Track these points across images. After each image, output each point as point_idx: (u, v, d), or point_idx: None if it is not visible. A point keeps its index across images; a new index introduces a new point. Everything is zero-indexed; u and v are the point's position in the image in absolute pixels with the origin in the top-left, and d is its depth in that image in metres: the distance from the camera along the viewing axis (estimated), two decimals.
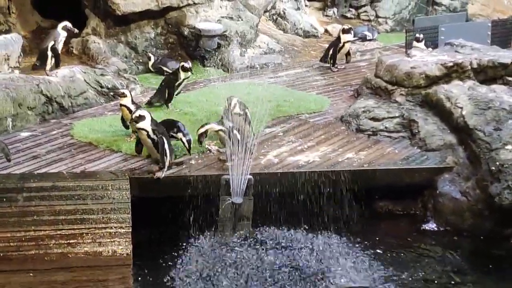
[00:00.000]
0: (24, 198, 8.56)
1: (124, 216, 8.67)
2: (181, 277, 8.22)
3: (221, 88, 12.06)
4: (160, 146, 8.97)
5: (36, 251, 8.32)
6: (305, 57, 15.09)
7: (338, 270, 8.39)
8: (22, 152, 9.72)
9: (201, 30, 13.90)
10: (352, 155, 10.05)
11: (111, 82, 12.23)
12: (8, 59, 11.83)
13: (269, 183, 9.27)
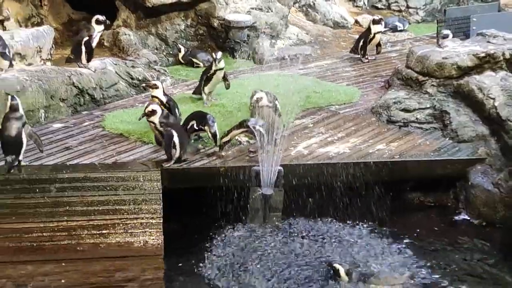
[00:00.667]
0: (57, 188, 8.63)
1: (155, 207, 8.71)
2: (211, 268, 8.23)
3: (251, 79, 12.08)
4: (165, 138, 9.00)
5: (69, 241, 8.40)
6: (335, 48, 15.02)
7: (369, 261, 8.35)
8: (54, 143, 9.80)
9: (230, 22, 13.90)
10: (383, 147, 10.00)
11: (142, 74, 12.29)
12: (40, 51, 11.91)
13: (299, 174, 9.25)
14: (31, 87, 10.32)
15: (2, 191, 8.52)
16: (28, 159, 9.06)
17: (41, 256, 8.25)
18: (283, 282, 7.92)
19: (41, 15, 13.85)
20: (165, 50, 13.99)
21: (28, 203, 8.50)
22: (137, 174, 8.89)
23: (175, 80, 12.81)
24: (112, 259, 8.33)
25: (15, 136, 8.65)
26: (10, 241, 8.31)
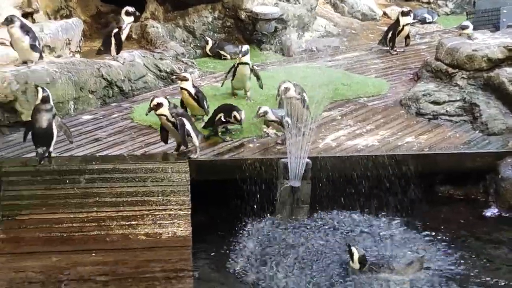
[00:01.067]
0: (86, 180, 8.69)
1: (183, 198, 8.74)
2: (239, 260, 8.24)
3: (278, 72, 12.06)
4: (179, 127, 8.95)
5: (98, 232, 8.44)
6: (363, 40, 14.95)
7: (397, 254, 8.31)
8: (84, 134, 9.88)
9: (258, 14, 13.87)
10: (412, 139, 9.95)
11: (170, 66, 12.33)
12: (69, 43, 11.99)
13: (327, 167, 9.22)
14: (60, 79, 10.41)
15: (33, 182, 8.60)
16: (58, 150, 9.15)
17: (71, 246, 8.29)
18: (311, 275, 7.90)
19: (70, 8, 13.92)
20: (192, 43, 14.01)
21: (58, 194, 8.57)
22: (166, 166, 8.92)
23: (203, 72, 12.84)
24: (140, 250, 8.34)
25: (46, 127, 8.73)
26: (41, 231, 8.36)
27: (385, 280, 7.81)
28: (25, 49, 10.27)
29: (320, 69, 12.17)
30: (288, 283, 7.75)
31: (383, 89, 11.78)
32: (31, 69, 10.24)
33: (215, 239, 8.70)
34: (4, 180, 8.60)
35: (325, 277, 7.88)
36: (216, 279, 7.96)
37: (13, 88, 9.89)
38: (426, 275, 7.91)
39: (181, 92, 10.27)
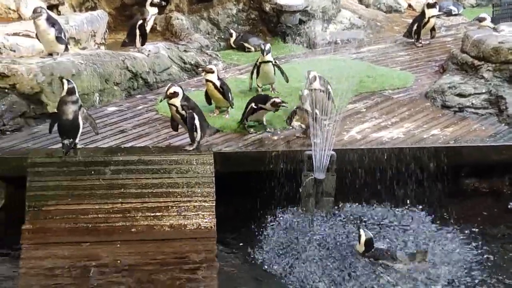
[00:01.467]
0: (112, 171, 8.73)
1: (208, 190, 8.75)
2: (263, 252, 8.25)
3: (303, 64, 12.03)
4: (188, 121, 8.91)
5: (123, 223, 8.48)
6: (388, 33, 14.90)
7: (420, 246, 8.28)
8: (109, 126, 9.94)
9: (282, 6, 13.87)
10: (438, 132, 9.89)
11: (194, 59, 12.36)
12: (94, 35, 12.07)
13: (352, 159, 9.20)
14: (86, 71, 10.47)
15: (59, 173, 8.66)
16: (83, 141, 9.20)
17: (96, 237, 8.35)
18: (335, 268, 7.89)
19: (94, 0, 13.99)
20: (217, 35, 14.03)
21: (84, 185, 8.62)
22: (190, 157, 8.94)
23: (227, 64, 12.86)
24: (165, 241, 8.37)
25: (72, 119, 8.77)
26: (66, 222, 8.43)
27: (385, 267, 7.82)
28: (51, 41, 10.34)
29: (344, 61, 12.14)
30: (311, 274, 7.74)
31: (408, 82, 11.72)
32: (57, 61, 10.30)
33: (239, 231, 8.71)
34: (30, 171, 8.66)
35: (348, 269, 7.86)
36: (240, 270, 7.97)
37: (39, 80, 9.95)
38: (450, 267, 7.85)
39: (206, 84, 10.28)
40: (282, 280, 7.68)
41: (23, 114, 9.88)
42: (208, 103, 10.44)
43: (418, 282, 7.59)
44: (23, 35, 11.23)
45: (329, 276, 7.71)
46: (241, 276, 7.86)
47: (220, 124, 9.97)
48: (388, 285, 7.55)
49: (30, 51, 11.02)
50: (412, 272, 7.76)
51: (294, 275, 7.74)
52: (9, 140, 9.46)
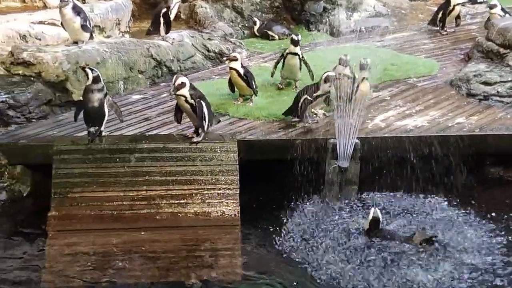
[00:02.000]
0: (136, 158, 8.78)
1: (232, 177, 8.78)
2: (286, 239, 8.24)
3: (327, 52, 12.00)
4: (198, 110, 8.81)
5: (148, 210, 8.54)
6: (413, 21, 14.82)
7: (444, 234, 8.24)
8: (133, 114, 9.99)
9: None
10: (463, 120, 9.83)
11: (218, 47, 12.38)
12: (118, 23, 12.13)
13: (376, 147, 9.18)
14: (110, 59, 10.53)
15: (85, 160, 8.72)
16: (108, 129, 9.25)
17: (121, 224, 8.41)
18: (359, 256, 7.87)
19: None
20: (240, 23, 14.03)
21: (109, 172, 8.68)
22: (214, 145, 8.95)
23: (251, 52, 12.86)
24: (189, 228, 8.43)
25: (98, 107, 8.81)
26: (92, 209, 8.50)
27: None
28: (76, 29, 10.40)
29: (369, 49, 12.09)
30: (334, 262, 7.73)
31: (433, 70, 11.66)
32: (82, 49, 10.37)
33: (263, 219, 8.71)
34: (56, 158, 8.74)
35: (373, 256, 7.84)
36: (264, 258, 7.98)
37: (64, 68, 10.02)
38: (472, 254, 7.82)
39: (230, 72, 10.29)
40: (305, 267, 7.67)
41: (48, 102, 9.96)
42: (231, 90, 10.46)
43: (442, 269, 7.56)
44: (49, 23, 11.32)
45: (350, 263, 7.69)
46: (265, 263, 7.86)
47: (244, 112, 9.99)
48: (407, 274, 7.52)
49: (55, 39, 11.12)
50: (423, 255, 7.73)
51: (317, 262, 7.73)
52: (34, 128, 9.54)
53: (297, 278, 7.54)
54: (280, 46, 13.20)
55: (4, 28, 11.17)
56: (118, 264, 7.76)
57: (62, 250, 8.06)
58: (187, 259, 7.93)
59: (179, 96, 8.85)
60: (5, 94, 9.62)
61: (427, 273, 7.45)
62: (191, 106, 8.84)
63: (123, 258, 7.87)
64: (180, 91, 8.80)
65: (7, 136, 9.31)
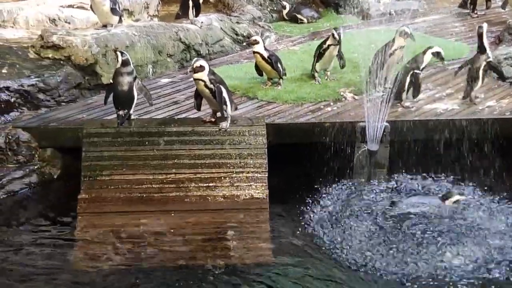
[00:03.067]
0: (165, 142, 8.81)
1: (260, 161, 8.78)
2: (315, 222, 8.22)
3: (356, 35, 11.91)
4: (218, 95, 8.72)
5: (177, 193, 8.57)
6: (443, 3, 14.69)
7: (474, 220, 8.17)
8: (162, 97, 10.02)
9: None
10: (493, 103, 9.73)
11: (247, 30, 12.36)
12: (147, 7, 12.16)
13: (406, 131, 9.13)
14: (139, 43, 10.57)
15: (114, 144, 8.77)
16: (137, 112, 9.29)
17: (151, 206, 8.45)
18: (387, 239, 7.83)
19: None
20: (269, 6, 13.99)
21: (138, 155, 8.72)
22: (243, 129, 8.95)
23: (279, 36, 12.83)
24: (218, 211, 8.44)
25: (128, 90, 8.83)
26: (121, 191, 8.54)
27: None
28: (106, 12, 10.44)
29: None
30: (365, 245, 7.71)
31: (463, 53, 11.54)
32: (111, 32, 10.41)
33: (292, 202, 8.68)
34: (85, 141, 8.80)
35: (402, 241, 7.80)
36: (293, 241, 7.95)
37: (94, 51, 10.07)
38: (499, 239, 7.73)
39: (254, 55, 10.25)
40: (335, 251, 7.65)
41: (78, 85, 10.03)
42: (259, 74, 10.44)
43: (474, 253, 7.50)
44: (78, 7, 11.38)
45: (381, 246, 7.66)
46: (294, 247, 7.86)
47: (272, 96, 9.97)
48: (440, 258, 7.46)
49: (84, 23, 11.19)
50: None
51: (347, 245, 7.71)
52: (64, 111, 9.61)
53: (327, 261, 7.52)
54: (309, 30, 13.17)
55: (34, 12, 11.25)
56: (147, 247, 7.80)
57: (92, 232, 8.12)
58: (216, 242, 7.95)
59: (197, 81, 8.79)
60: (35, 77, 9.70)
61: (459, 257, 7.40)
62: (211, 91, 8.77)
63: (152, 241, 7.91)
64: (198, 75, 8.73)
65: (37, 119, 9.40)
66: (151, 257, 7.60)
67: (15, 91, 9.52)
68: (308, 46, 11.91)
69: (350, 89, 10.01)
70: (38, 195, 8.99)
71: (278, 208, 8.59)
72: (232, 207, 8.51)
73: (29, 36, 10.92)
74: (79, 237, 8.07)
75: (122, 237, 8.01)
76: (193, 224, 8.23)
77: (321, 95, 9.96)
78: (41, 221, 8.47)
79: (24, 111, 9.52)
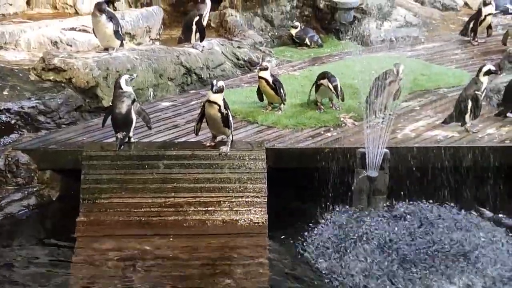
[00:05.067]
0: (165, 165, 8.79)
1: (260, 185, 8.76)
2: (314, 249, 8.19)
3: (356, 61, 11.94)
4: (230, 120, 8.81)
5: (176, 217, 8.54)
6: (444, 31, 14.76)
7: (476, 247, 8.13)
8: (162, 121, 10.02)
9: (337, 3, 13.87)
10: (493, 131, 9.73)
11: (248, 55, 12.40)
12: (149, 31, 12.21)
13: (405, 158, 9.12)
14: (141, 66, 10.59)
15: (113, 167, 8.76)
16: (137, 136, 9.29)
17: (149, 230, 8.42)
18: (387, 267, 7.80)
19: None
20: (270, 31, 14.05)
21: (137, 178, 8.71)
22: (243, 153, 8.95)
23: (280, 61, 12.86)
24: (217, 236, 8.41)
25: (125, 113, 8.83)
26: (120, 215, 8.53)
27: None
28: (108, 35, 10.47)
29: (399, 59, 11.98)
30: (362, 272, 7.68)
31: (463, 80, 11.52)
32: (113, 55, 10.43)
33: (291, 227, 8.67)
34: (85, 164, 8.79)
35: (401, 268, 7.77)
36: (291, 266, 7.95)
37: (95, 74, 10.10)
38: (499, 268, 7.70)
39: (259, 81, 10.28)
40: (334, 277, 7.62)
41: (78, 107, 10.04)
42: (260, 99, 10.46)
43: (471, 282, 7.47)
44: (80, 30, 11.42)
45: (378, 274, 7.62)
46: (292, 272, 7.83)
47: (272, 120, 9.99)
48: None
49: (86, 45, 11.22)
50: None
51: (345, 272, 7.68)
52: (64, 133, 9.62)
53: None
54: (310, 55, 13.22)
55: (36, 34, 11.29)
56: (145, 271, 7.77)
57: (90, 255, 8.08)
58: (214, 267, 7.90)
59: (212, 104, 8.76)
60: (36, 99, 9.72)
61: (455, 286, 7.37)
62: (222, 115, 8.78)
63: (150, 264, 7.87)
64: (217, 97, 8.72)
65: (37, 141, 9.40)
66: (149, 281, 7.55)
67: (16, 113, 9.53)
68: (309, 71, 11.94)
69: (350, 115, 10.03)
70: (37, 217, 8.96)
71: (277, 233, 8.56)
72: (231, 232, 8.48)
73: (30, 58, 10.96)
74: (76, 260, 8.03)
75: (120, 261, 7.96)
76: (192, 249, 8.19)
77: (321, 121, 9.97)
78: (39, 243, 8.44)
79: (24, 133, 9.52)
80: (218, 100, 8.74)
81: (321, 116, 10.10)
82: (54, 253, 8.21)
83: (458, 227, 8.47)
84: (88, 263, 7.95)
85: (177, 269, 7.80)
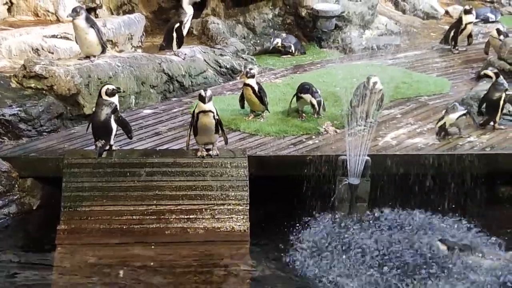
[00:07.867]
0: (147, 173, 8.78)
1: (242, 193, 8.77)
2: (296, 256, 8.21)
3: (338, 69, 12.01)
4: (221, 127, 8.94)
5: (158, 225, 8.52)
6: (425, 39, 14.82)
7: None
8: (144, 128, 10.01)
9: (318, 11, 13.89)
10: (474, 139, 9.79)
11: (230, 62, 12.38)
12: (131, 38, 12.18)
13: (386, 165, 9.16)
14: (122, 73, 10.56)
15: (95, 174, 8.73)
16: (119, 143, 9.27)
17: (131, 238, 8.41)
18: (369, 273, 7.84)
19: (132, 3, 14.14)
20: (252, 39, 14.06)
21: (119, 186, 8.69)
22: (225, 161, 8.95)
23: (262, 69, 12.86)
24: (199, 243, 8.41)
25: (104, 121, 8.81)
26: (101, 223, 8.50)
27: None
28: (89, 41, 10.38)
29: (380, 67, 12.09)
30: (345, 278, 7.70)
31: (444, 88, 11.64)
32: (94, 63, 10.39)
33: (273, 235, 8.68)
34: (66, 171, 8.76)
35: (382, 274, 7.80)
36: (273, 274, 7.96)
37: (76, 82, 10.06)
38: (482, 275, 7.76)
39: (244, 88, 10.23)
40: (316, 284, 7.64)
41: (60, 115, 9.99)
42: (241, 106, 10.45)
43: None
44: (61, 37, 11.38)
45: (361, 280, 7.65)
46: (274, 280, 7.84)
47: (255, 128, 9.99)
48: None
49: (67, 53, 11.17)
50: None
51: (327, 279, 7.69)
52: (46, 141, 9.57)
53: None
54: (292, 63, 13.24)
55: (17, 41, 11.23)
56: (126, 279, 7.76)
57: (70, 263, 8.05)
58: (196, 274, 7.91)
59: (208, 113, 8.79)
60: (17, 107, 9.66)
61: None
62: (216, 121, 8.84)
63: (131, 272, 7.86)
64: (210, 105, 8.78)
65: (18, 149, 9.35)
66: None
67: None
68: (291, 79, 11.97)
69: (332, 123, 10.05)
70: (17, 225, 8.92)
71: (259, 240, 8.57)
72: (213, 240, 8.48)
73: (11, 65, 10.89)
74: (57, 268, 8.00)
75: (101, 268, 7.95)
76: (173, 257, 8.19)
77: (303, 128, 9.99)
78: (19, 251, 8.40)
79: (5, 141, 9.47)
80: (211, 108, 8.81)
81: (303, 123, 10.12)
82: (34, 261, 8.17)
83: (435, 233, 8.53)
84: (69, 271, 7.92)
85: (158, 277, 7.79)
